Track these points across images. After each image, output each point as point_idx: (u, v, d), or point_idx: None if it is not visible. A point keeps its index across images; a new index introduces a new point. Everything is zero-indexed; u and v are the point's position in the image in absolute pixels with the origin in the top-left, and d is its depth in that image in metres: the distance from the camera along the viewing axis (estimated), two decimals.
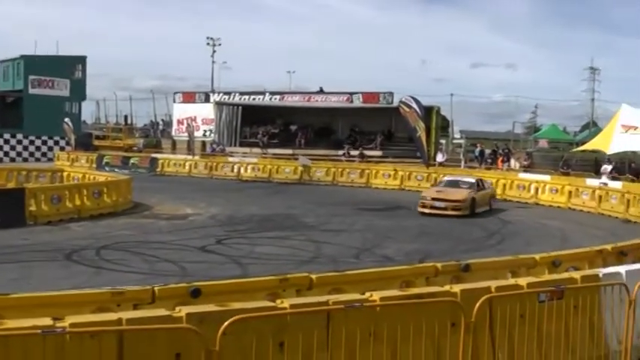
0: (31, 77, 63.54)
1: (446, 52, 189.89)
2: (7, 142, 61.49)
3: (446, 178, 34.25)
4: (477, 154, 51.61)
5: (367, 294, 8.11)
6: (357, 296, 8.06)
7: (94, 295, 9.15)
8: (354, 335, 7.41)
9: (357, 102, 56.18)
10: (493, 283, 9.02)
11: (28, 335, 6.37)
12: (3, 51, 79.98)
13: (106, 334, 6.59)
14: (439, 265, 11.98)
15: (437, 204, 29.14)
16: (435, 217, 28.24)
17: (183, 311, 7.00)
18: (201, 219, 26.11)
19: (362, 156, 49.81)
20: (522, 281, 9.38)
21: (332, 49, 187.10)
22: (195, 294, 9.16)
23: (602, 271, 10.31)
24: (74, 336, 6.46)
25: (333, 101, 56.82)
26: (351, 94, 56.86)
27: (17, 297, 8.89)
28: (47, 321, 6.65)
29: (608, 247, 15.25)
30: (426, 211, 29.05)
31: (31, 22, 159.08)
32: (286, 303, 7.59)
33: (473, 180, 32.39)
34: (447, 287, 8.81)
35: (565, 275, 10.35)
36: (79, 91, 67.05)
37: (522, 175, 39.82)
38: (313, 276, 10.48)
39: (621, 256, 14.90)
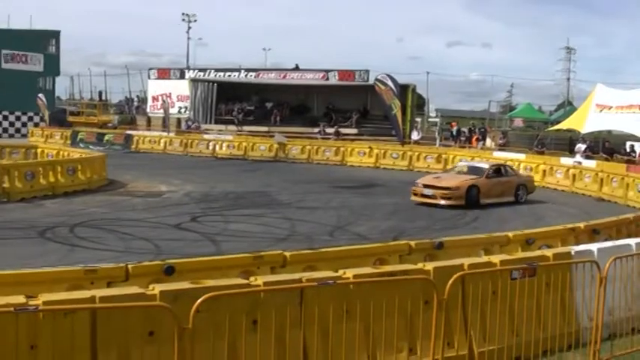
0: (4, 51, 62.86)
1: (422, 31, 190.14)
2: None
3: (460, 163, 31.71)
4: (454, 132, 51.68)
5: (340, 271, 8.16)
6: (330, 274, 8.10)
7: (67, 272, 9.13)
8: (327, 312, 7.45)
9: (333, 79, 56.03)
10: (466, 261, 9.10)
11: (1, 313, 6.33)
12: None
13: (79, 312, 6.58)
14: (413, 242, 12.03)
15: (426, 191, 25.74)
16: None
17: (156, 289, 7.01)
18: (176, 196, 26.04)
19: (337, 134, 49.76)
20: (495, 259, 9.47)
21: (308, 26, 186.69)
22: (169, 271, 9.16)
23: (575, 248, 10.42)
24: (47, 314, 6.45)
25: (309, 78, 56.62)
26: (327, 71, 56.69)
27: None
28: (20, 299, 6.63)
29: (581, 225, 15.39)
30: (417, 199, 25.82)
31: None
32: (260, 280, 7.63)
33: (486, 165, 28.82)
34: (420, 265, 8.88)
35: (537, 253, 10.47)
36: (52, 67, 66.43)
37: (497, 154, 39.98)
38: (287, 253, 10.51)
39: (594, 234, 15.04)
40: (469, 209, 24.65)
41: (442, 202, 25.18)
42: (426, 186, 25.94)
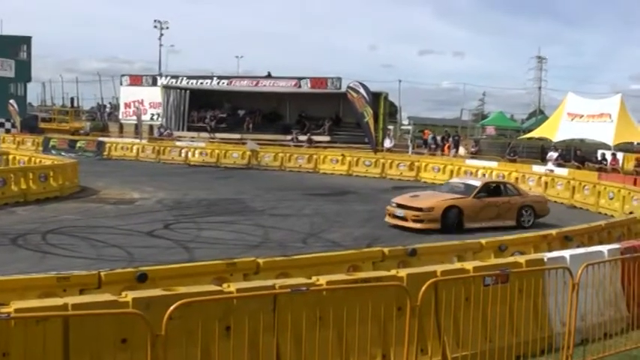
0: None
1: (394, 39, 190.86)
2: None
3: (453, 179, 27.38)
4: (430, 140, 51.83)
5: (314, 278, 8.17)
6: (303, 280, 8.12)
7: (39, 280, 9.06)
8: (300, 319, 7.47)
9: (306, 87, 56.05)
10: (439, 267, 9.15)
11: None
12: None
13: (51, 319, 6.54)
14: (386, 249, 12.06)
15: (398, 212, 22.10)
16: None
17: (129, 296, 6.99)
18: (149, 203, 25.91)
19: (310, 141, 49.80)
20: (468, 265, 9.52)
21: (280, 33, 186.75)
22: (142, 279, 9.12)
23: (547, 255, 10.50)
24: (19, 321, 6.41)
25: (281, 86, 56.57)
26: (300, 79, 56.69)
27: None
28: None
29: (553, 232, 15.53)
30: (390, 221, 22.42)
31: None
32: (233, 287, 7.62)
33: (477, 183, 24.20)
34: (393, 272, 8.91)
35: (510, 259, 10.52)
36: (24, 73, 66.04)
37: (469, 162, 40.20)
38: (260, 260, 10.50)
39: (566, 241, 15.17)
40: (447, 234, 20.30)
41: (413, 224, 21.60)
42: (399, 205, 22.22)
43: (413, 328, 7.92)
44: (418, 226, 21.56)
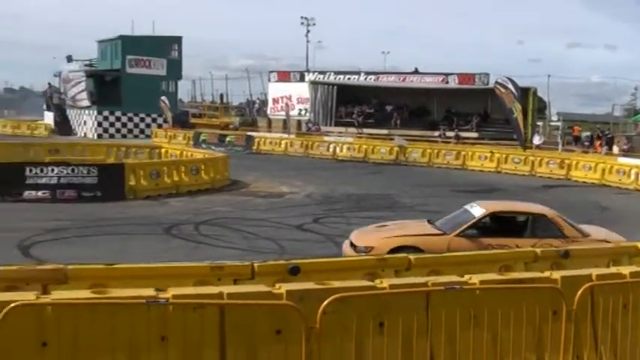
0: (129, 57, 64.97)
1: (541, 32, 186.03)
2: (106, 119, 63.07)
3: (470, 205, 15.74)
4: (583, 138, 50.20)
5: (466, 277, 8.02)
6: (456, 278, 7.97)
7: (194, 268, 9.28)
8: (453, 318, 7.34)
9: (453, 83, 55.45)
10: (594, 271, 8.77)
11: (134, 305, 6.52)
12: (103, 32, 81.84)
13: (208, 307, 6.69)
14: (538, 250, 11.75)
15: (348, 251, 14.31)
16: None
17: (283, 288, 7.05)
18: (298, 197, 26.25)
19: (457, 137, 49.22)
20: (625, 270, 9.10)
21: (427, 29, 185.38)
22: (294, 271, 9.20)
23: None
24: (177, 307, 6.59)
25: (428, 82, 56.17)
26: (447, 74, 56.15)
27: (121, 267, 9.10)
28: (150, 292, 6.80)
29: None
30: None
31: (128, 3, 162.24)
32: (385, 283, 7.57)
33: (479, 212, 14.84)
34: (547, 273, 8.62)
35: None
36: (175, 71, 68.25)
37: (622, 160, 38.59)
38: (412, 257, 10.40)
39: None
40: None
41: None
42: (351, 243, 14.53)
43: (569, 333, 7.67)
44: None
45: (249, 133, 53.63)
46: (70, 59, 71.73)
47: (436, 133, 50.75)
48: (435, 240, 14.12)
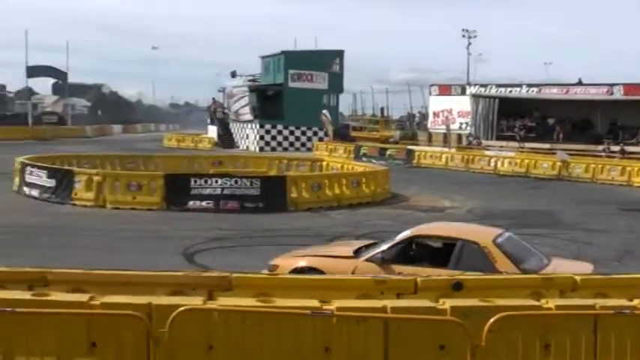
0: (291, 71, 66.15)
1: None
2: (268, 132, 64.34)
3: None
4: None
5: (636, 301, 7.65)
6: (625, 302, 7.63)
7: (358, 281, 9.33)
8: (624, 344, 7.01)
9: (618, 94, 53.29)
10: None
11: (299, 315, 6.63)
12: (266, 48, 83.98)
13: (372, 320, 6.70)
14: None
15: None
16: None
17: (447, 304, 7.01)
18: (459, 212, 25.95)
19: (623, 152, 47.28)
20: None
21: (590, 38, 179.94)
22: (457, 287, 9.09)
23: None
24: (341, 319, 6.65)
25: (592, 93, 54.29)
26: (612, 85, 54.02)
27: (285, 277, 9.31)
28: (315, 303, 6.89)
29: None
30: None
31: (290, 19, 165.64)
32: (551, 303, 7.38)
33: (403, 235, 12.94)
34: None
35: None
36: (336, 84, 68.99)
37: None
38: (577, 277, 10.04)
39: None
40: None
41: None
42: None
43: None
44: None
45: (410, 147, 53.60)
46: (234, 75, 74.05)
47: (600, 148, 48.84)
48: (340, 263, 12.43)
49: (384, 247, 12.47)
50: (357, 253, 12.65)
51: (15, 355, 6.83)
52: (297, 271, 11.89)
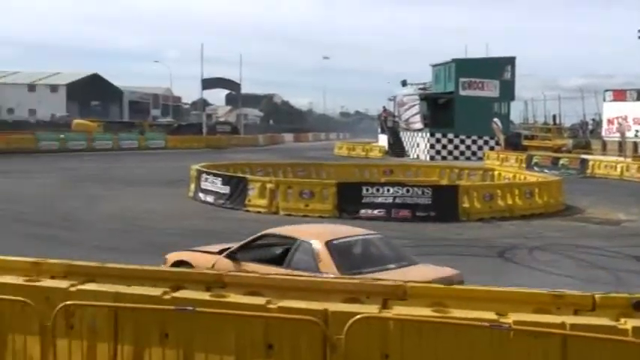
0: (462, 79, 65.83)
1: None
2: (438, 141, 64.25)
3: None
4: None
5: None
6: None
7: (534, 295, 9.17)
8: None
9: None
10: None
11: (476, 327, 6.66)
12: (436, 56, 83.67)
13: (550, 336, 6.64)
14: None
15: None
16: None
17: (629, 324, 6.81)
18: (635, 226, 24.93)
19: None
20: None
21: None
22: (638, 306, 8.81)
23: None
24: (518, 333, 6.63)
25: None
26: None
27: (461, 288, 9.33)
28: (492, 315, 6.90)
29: None
30: None
31: (462, 27, 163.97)
32: None
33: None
34: None
35: None
36: (507, 92, 68.00)
37: None
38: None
39: None
40: None
41: None
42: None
43: None
44: None
45: (583, 156, 52.03)
46: (404, 83, 74.44)
47: None
48: (205, 257, 12.95)
49: (239, 245, 12.86)
50: (224, 251, 12.86)
51: (194, 353, 7.21)
52: (174, 264, 12.74)
